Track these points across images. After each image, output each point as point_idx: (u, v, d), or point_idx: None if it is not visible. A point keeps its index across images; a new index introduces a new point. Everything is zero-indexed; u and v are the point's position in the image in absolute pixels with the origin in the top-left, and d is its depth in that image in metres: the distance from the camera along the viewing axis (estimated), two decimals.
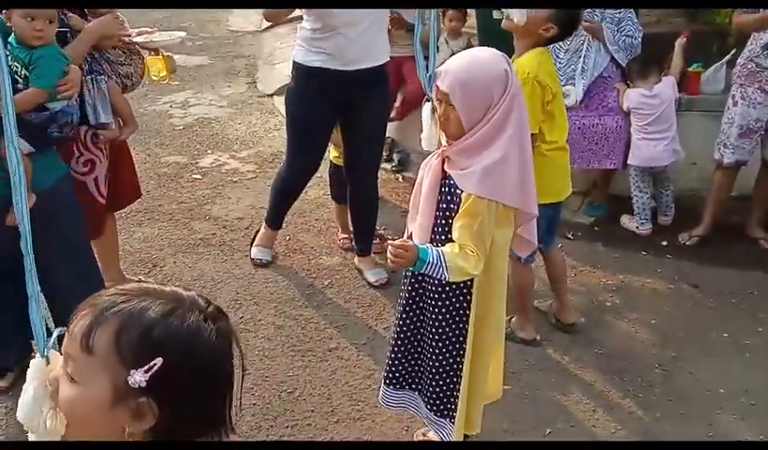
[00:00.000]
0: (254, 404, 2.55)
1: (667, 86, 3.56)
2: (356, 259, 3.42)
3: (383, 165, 4.10)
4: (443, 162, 1.95)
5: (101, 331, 0.87)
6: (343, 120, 3.16)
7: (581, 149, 3.52)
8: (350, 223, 3.47)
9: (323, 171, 3.49)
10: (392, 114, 4.09)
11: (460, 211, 1.86)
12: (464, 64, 1.87)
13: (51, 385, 0.94)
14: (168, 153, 4.55)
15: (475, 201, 1.84)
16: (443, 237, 1.93)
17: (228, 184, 4.21)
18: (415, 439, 2.43)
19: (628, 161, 3.64)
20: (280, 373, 2.72)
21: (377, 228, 3.50)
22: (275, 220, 3.46)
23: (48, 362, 1.15)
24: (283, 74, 5.62)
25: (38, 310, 1.27)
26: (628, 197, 3.74)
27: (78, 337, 0.88)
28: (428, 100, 2.31)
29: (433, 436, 2.40)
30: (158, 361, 0.84)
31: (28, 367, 1.92)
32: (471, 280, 1.95)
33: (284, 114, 3.97)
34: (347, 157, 3.26)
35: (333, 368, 2.77)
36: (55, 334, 1.14)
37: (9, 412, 2.53)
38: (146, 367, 0.84)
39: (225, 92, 5.63)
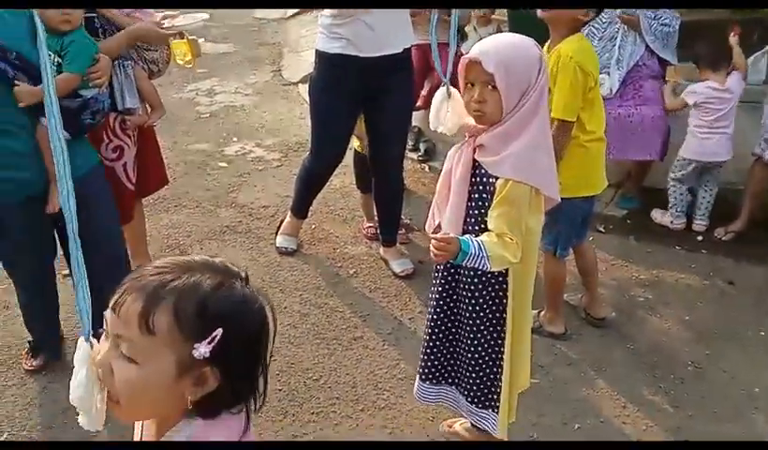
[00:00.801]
0: (279, 390, 2.58)
1: (737, 80, 3.47)
2: (381, 249, 3.43)
3: (409, 154, 4.11)
4: (473, 151, 1.95)
5: (160, 311, 0.90)
6: (365, 109, 3.16)
7: (616, 140, 3.47)
8: (375, 213, 3.48)
9: (348, 159, 3.51)
10: (419, 103, 4.09)
11: (496, 199, 1.85)
12: (506, 46, 1.87)
13: (100, 368, 0.96)
14: (194, 140, 4.61)
15: (512, 187, 1.83)
16: (476, 228, 1.92)
17: (253, 172, 4.25)
18: (440, 430, 2.44)
19: (682, 153, 3.53)
20: (306, 360, 2.75)
21: (403, 218, 3.51)
22: (301, 209, 3.49)
23: (92, 346, 1.19)
24: (308, 62, 5.62)
25: (85, 296, 1.31)
26: (662, 190, 3.69)
27: (134, 319, 0.90)
28: (444, 85, 2.31)
29: (458, 428, 2.41)
30: (219, 331, 0.89)
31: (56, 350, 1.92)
32: (506, 268, 1.95)
33: (308, 102, 3.97)
34: (371, 148, 3.27)
35: (358, 357, 2.79)
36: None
37: (44, 389, 2.61)
38: (209, 339, 0.89)
39: (250, 80, 5.68)
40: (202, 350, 0.89)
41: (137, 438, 1.05)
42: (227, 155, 4.46)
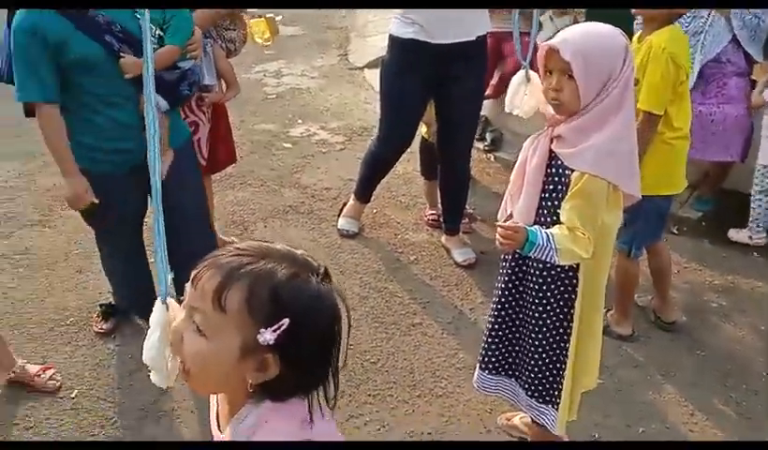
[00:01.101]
0: None
1: None
2: (443, 237, 3.42)
3: (475, 144, 4.07)
4: (551, 142, 1.91)
5: (233, 290, 0.93)
6: (435, 96, 3.15)
7: (697, 139, 3.31)
8: (439, 201, 3.48)
9: (414, 145, 3.51)
10: (488, 92, 4.05)
11: (570, 192, 1.82)
12: (586, 34, 1.82)
13: (172, 336, 1.00)
14: (260, 121, 4.70)
15: (588, 181, 1.79)
16: (548, 220, 1.89)
17: (317, 154, 4.31)
18: (498, 422, 2.43)
19: (761, 161, 3.37)
20: (364, 343, 2.78)
21: (467, 207, 3.49)
22: (364, 193, 3.51)
23: (168, 309, 1.23)
24: (375, 47, 5.68)
25: (163, 261, 1.36)
26: (739, 193, 3.55)
27: (209, 294, 0.93)
28: (523, 68, 2.29)
29: (517, 422, 2.39)
30: (285, 321, 0.91)
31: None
32: (577, 263, 1.91)
33: (374, 88, 3.96)
34: (440, 137, 3.26)
35: (417, 344, 2.80)
36: (170, 278, 1.23)
37: (113, 352, 2.73)
38: (275, 327, 0.91)
39: (317, 63, 5.75)
40: (267, 336, 0.90)
41: (213, 414, 1.08)
42: (292, 136, 4.53)
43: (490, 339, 2.15)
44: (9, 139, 4.26)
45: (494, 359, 2.15)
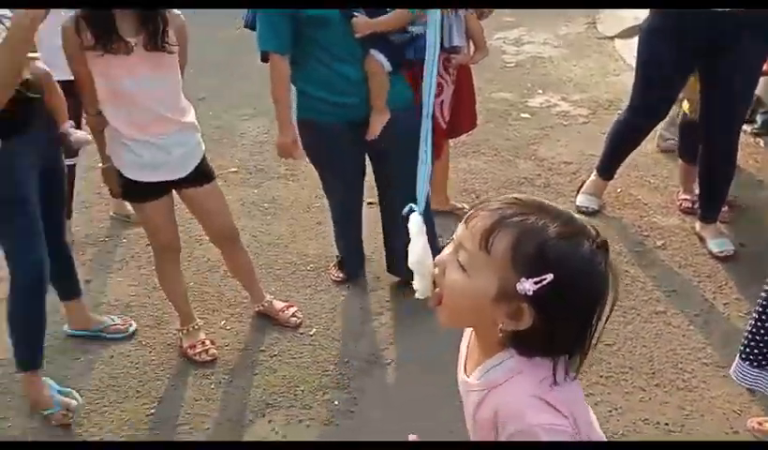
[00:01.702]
0: None
1: None
2: (697, 224, 3.33)
3: (743, 127, 3.87)
4: None
5: (502, 235, 1.01)
6: (704, 68, 3.06)
7: None
8: (697, 185, 3.37)
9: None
10: (765, 67, 3.80)
11: None
12: None
13: (437, 267, 1.13)
14: (498, 89, 4.88)
15: None
16: None
17: (557, 126, 4.38)
18: (747, 425, 2.37)
19: None
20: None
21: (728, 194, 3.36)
22: (608, 169, 3.52)
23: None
24: (628, 16, 5.55)
25: (425, 173, 1.58)
26: None
27: (478, 234, 1.03)
28: None
29: None
30: (549, 276, 0.97)
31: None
32: None
33: (625, 59, 3.89)
34: (704, 112, 3.15)
35: (658, 332, 2.79)
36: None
37: (346, 299, 3.11)
38: (537, 279, 0.97)
39: (561, 31, 5.77)
40: (527, 286, 0.97)
41: (461, 359, 1.21)
42: (530, 106, 4.65)
43: (755, 329, 2.12)
44: (257, 99, 4.92)
45: (756, 350, 2.12)
